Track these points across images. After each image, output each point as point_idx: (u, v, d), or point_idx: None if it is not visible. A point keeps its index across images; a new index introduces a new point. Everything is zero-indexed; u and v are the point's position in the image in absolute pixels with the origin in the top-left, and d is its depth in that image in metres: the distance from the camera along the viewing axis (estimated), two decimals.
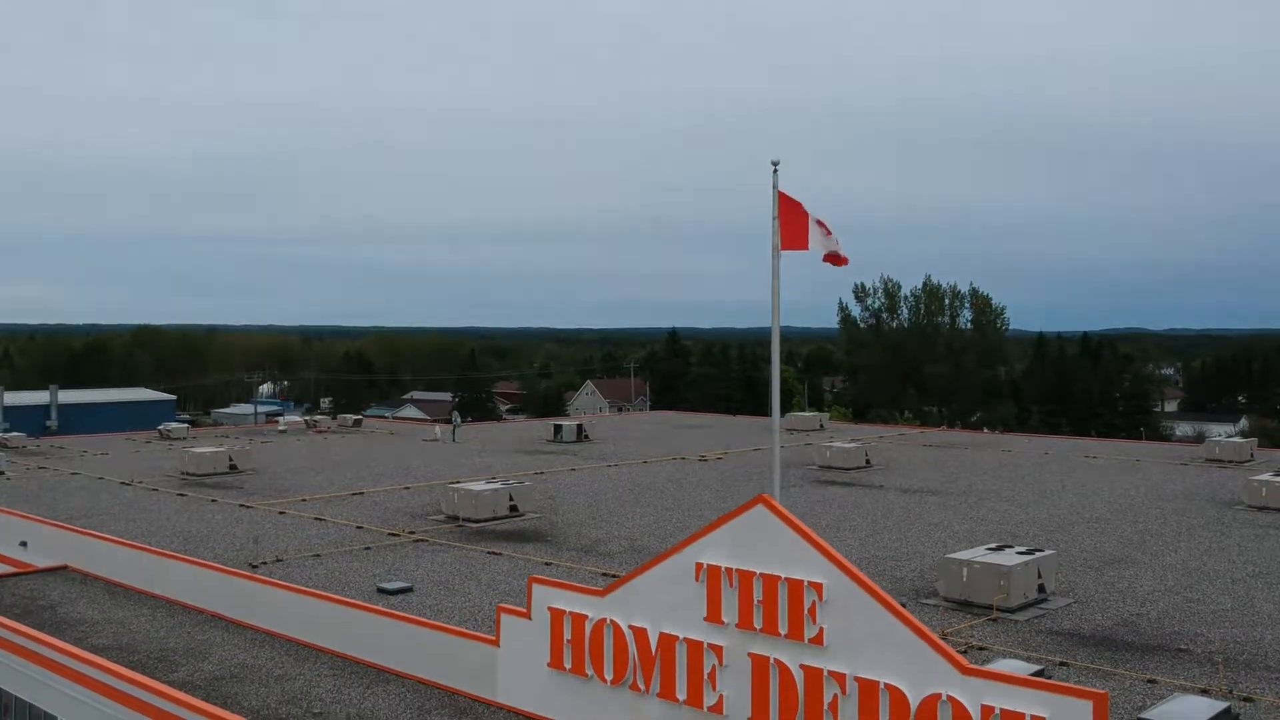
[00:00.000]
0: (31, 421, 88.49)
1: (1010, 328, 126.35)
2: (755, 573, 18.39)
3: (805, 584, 17.77)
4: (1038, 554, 28.68)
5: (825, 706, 17.49)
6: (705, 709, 19.04)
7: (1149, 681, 21.99)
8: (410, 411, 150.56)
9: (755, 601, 18.37)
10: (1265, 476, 44.95)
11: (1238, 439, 63.73)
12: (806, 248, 19.76)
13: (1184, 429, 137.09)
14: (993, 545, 30.06)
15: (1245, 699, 20.79)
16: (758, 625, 18.35)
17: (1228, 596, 29.08)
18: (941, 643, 16.57)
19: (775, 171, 19.78)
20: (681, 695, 19.36)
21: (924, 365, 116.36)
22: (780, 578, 18.07)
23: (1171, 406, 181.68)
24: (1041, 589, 28.13)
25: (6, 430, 74.43)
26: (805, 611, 17.76)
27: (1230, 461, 58.60)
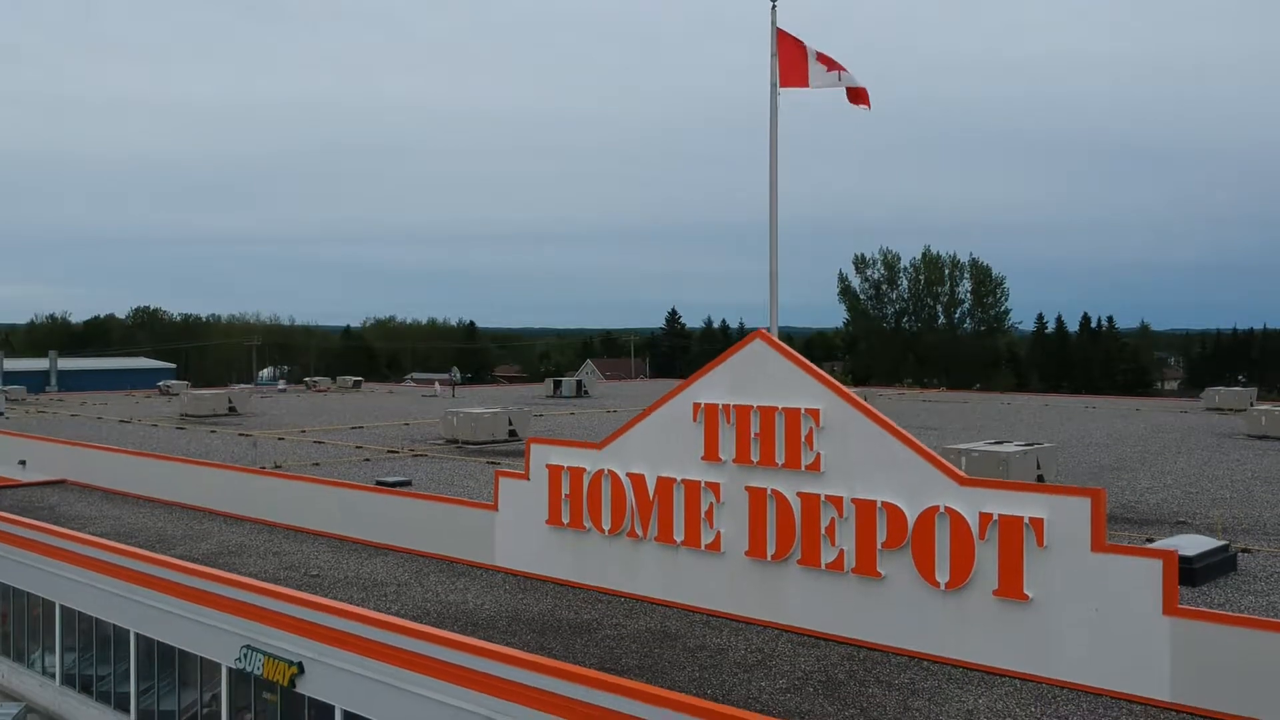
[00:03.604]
0: (31, 385, 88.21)
1: (1011, 325, 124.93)
2: (753, 406, 18.33)
3: (802, 412, 17.71)
4: (1037, 445, 28.64)
5: (823, 531, 17.45)
6: (703, 547, 19.00)
7: (1147, 540, 21.94)
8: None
9: (753, 435, 18.32)
10: (1265, 407, 44.95)
11: (1237, 388, 63.66)
12: (807, 84, 19.63)
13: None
14: (992, 440, 30.04)
15: (1244, 549, 20.77)
16: (755, 458, 18.29)
17: (1227, 490, 29.06)
18: (938, 457, 16.53)
19: (774, 8, 19.67)
20: (679, 537, 19.32)
21: (924, 335, 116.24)
22: (778, 408, 18.02)
23: (1171, 386, 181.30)
24: (1040, 479, 28.06)
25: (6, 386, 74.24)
26: (803, 439, 17.71)
27: (1230, 409, 58.48)
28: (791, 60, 19.38)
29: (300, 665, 19.23)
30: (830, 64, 19.35)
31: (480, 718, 16.07)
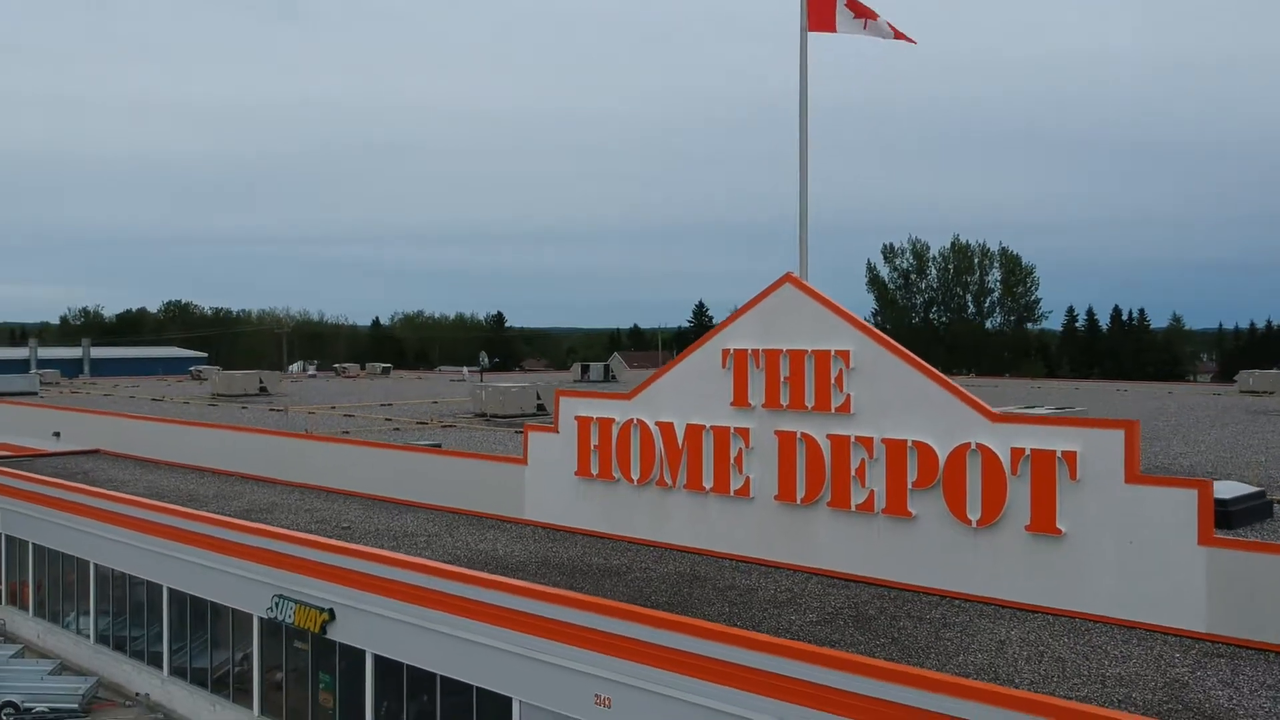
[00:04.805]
0: (65, 372, 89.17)
1: (1042, 314, 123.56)
2: (782, 350, 18.29)
3: (832, 354, 17.65)
4: (1068, 409, 28.41)
5: (853, 473, 17.38)
6: (732, 493, 18.97)
7: None
8: None
9: (782, 379, 18.27)
10: None
11: (1273, 371, 62.93)
12: (835, 30, 19.57)
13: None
14: (1023, 407, 29.84)
15: (1278, 501, 20.54)
16: (784, 402, 18.24)
17: (1261, 455, 28.75)
18: (970, 394, 16.43)
19: None
20: (708, 484, 19.29)
21: (953, 324, 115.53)
22: (807, 351, 17.97)
23: (1204, 379, 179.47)
24: None
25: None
26: (832, 381, 17.64)
27: (1264, 392, 57.84)
28: (820, 4, 19.29)
29: (331, 612, 19.36)
30: (859, 10, 19.20)
31: (515, 656, 16.14)
